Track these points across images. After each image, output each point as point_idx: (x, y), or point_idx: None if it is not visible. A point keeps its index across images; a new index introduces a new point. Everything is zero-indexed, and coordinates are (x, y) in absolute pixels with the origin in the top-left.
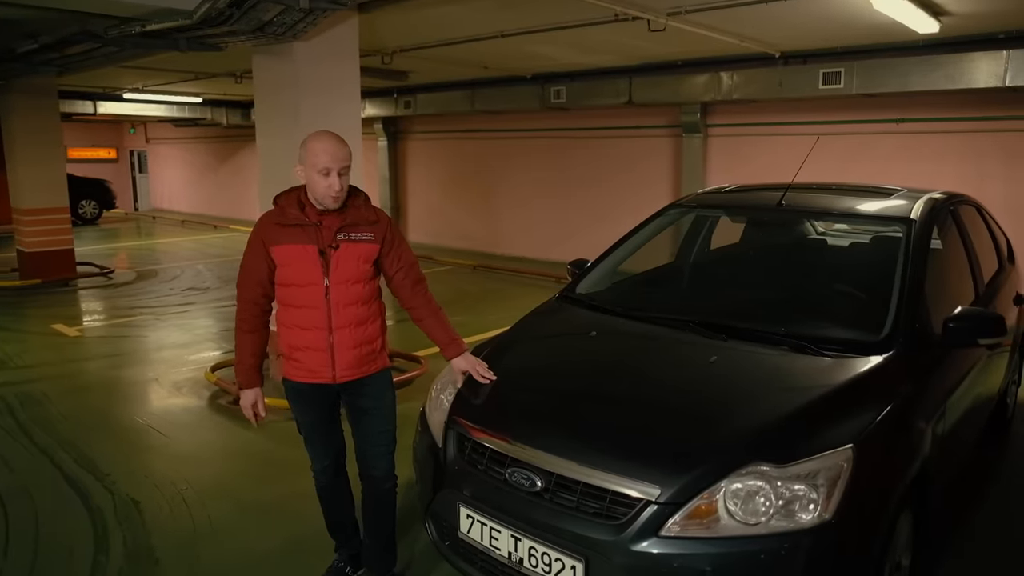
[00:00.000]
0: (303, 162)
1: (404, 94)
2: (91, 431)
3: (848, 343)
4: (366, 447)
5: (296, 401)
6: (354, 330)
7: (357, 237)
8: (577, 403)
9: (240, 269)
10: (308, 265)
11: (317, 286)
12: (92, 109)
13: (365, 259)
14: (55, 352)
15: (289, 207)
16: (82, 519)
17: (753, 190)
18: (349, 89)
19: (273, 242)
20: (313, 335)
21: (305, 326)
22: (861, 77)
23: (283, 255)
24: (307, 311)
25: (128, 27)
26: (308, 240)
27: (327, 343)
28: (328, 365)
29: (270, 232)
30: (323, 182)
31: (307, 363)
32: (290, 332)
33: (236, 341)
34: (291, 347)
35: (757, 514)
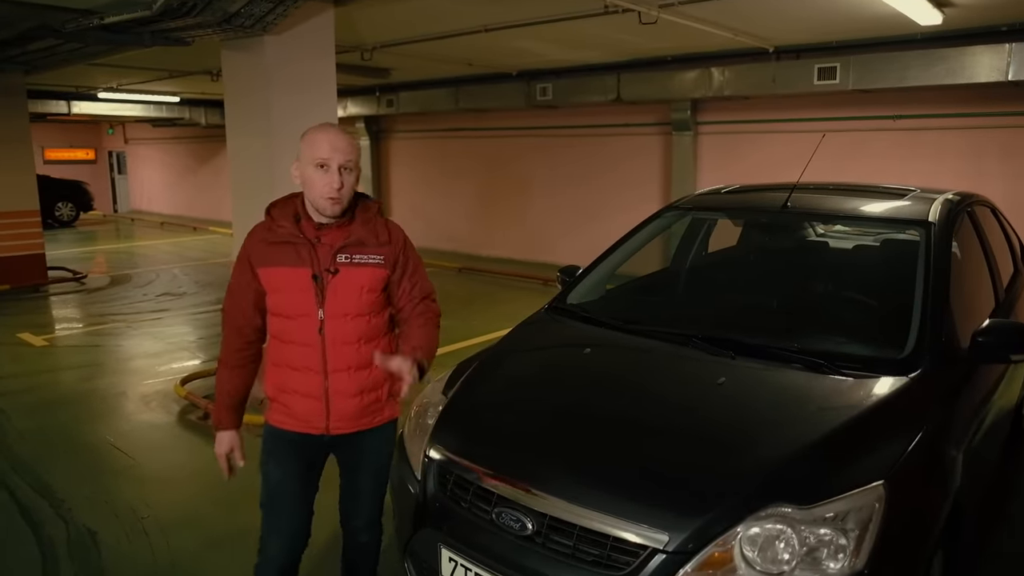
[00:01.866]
0: (300, 157)
1: (386, 92)
2: (51, 451)
3: (868, 361)
4: (355, 501)
5: (272, 451)
6: (354, 374)
7: (362, 260)
8: (571, 433)
9: (227, 292)
10: (299, 293)
11: (310, 318)
12: (66, 109)
13: (370, 288)
14: (19, 364)
15: (282, 219)
16: (31, 554)
17: (754, 191)
18: (325, 86)
19: (260, 263)
20: (304, 378)
21: (295, 366)
22: (857, 72)
23: (271, 279)
24: (298, 348)
25: (86, 20)
26: (300, 262)
27: (321, 389)
28: (321, 415)
29: (258, 250)
30: (321, 179)
31: (295, 409)
32: (278, 371)
33: (217, 375)
34: (278, 389)
35: (779, 563)
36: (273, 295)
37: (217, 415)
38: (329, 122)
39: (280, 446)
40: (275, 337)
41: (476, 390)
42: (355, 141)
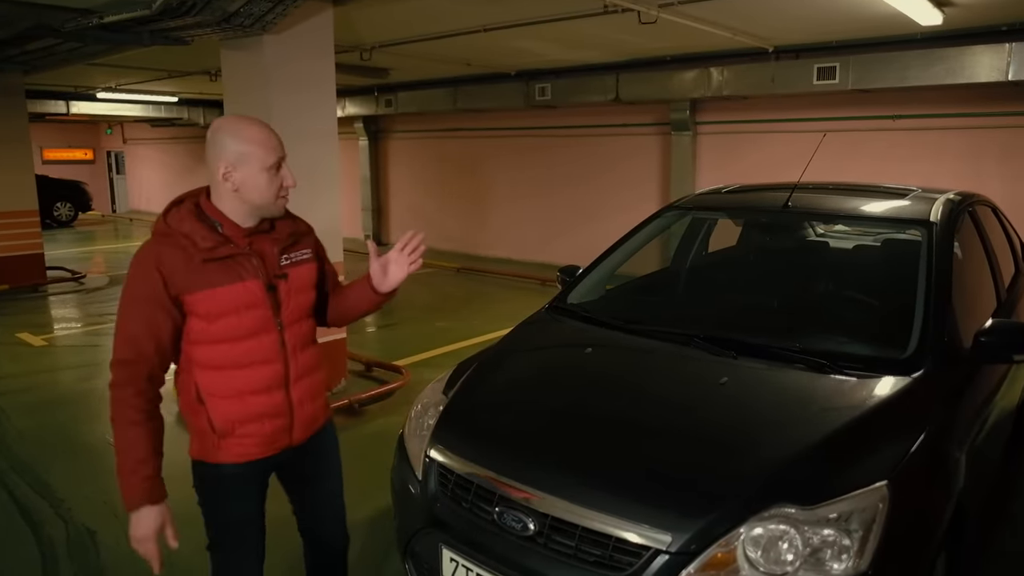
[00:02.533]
0: (240, 160)
1: (385, 92)
2: (50, 451)
3: (871, 361)
4: (321, 515)
5: (231, 494)
6: (312, 378)
7: (299, 257)
8: (573, 433)
9: (120, 337)
10: (252, 309)
11: (269, 333)
12: (65, 109)
13: (311, 284)
14: (18, 363)
15: (195, 231)
16: (31, 554)
17: (754, 191)
18: (324, 86)
19: (189, 288)
20: (268, 399)
21: (257, 389)
22: (857, 72)
23: (212, 304)
24: (259, 369)
25: (85, 19)
26: (249, 274)
27: (286, 405)
28: (286, 430)
29: (179, 276)
30: (274, 180)
31: (260, 435)
32: (232, 403)
33: (120, 439)
34: (235, 422)
35: (782, 563)
36: (213, 322)
37: (133, 491)
38: (237, 115)
39: (245, 480)
40: (218, 367)
41: (477, 390)
42: None
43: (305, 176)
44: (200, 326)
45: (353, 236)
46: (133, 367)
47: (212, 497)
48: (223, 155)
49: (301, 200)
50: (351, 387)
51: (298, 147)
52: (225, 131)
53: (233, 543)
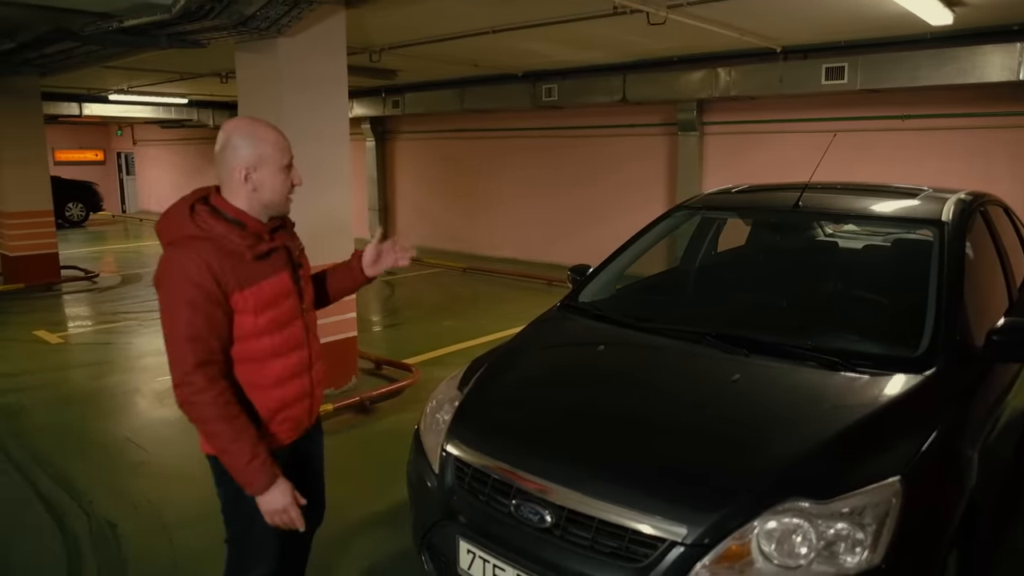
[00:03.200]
0: (259, 161)
1: (392, 93)
2: (69, 446)
3: (883, 359)
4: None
5: None
6: (323, 361)
7: (302, 246)
8: (587, 427)
9: (187, 345)
10: (288, 299)
11: (298, 320)
12: (77, 111)
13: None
14: (36, 360)
15: (233, 233)
16: (55, 544)
17: (764, 191)
18: (336, 87)
19: (241, 285)
20: (301, 383)
21: (292, 375)
22: (866, 72)
23: (261, 298)
24: (293, 356)
25: (105, 23)
26: (280, 267)
27: (309, 386)
28: (308, 411)
29: (230, 273)
30: (287, 179)
31: (294, 418)
32: (276, 391)
33: (227, 435)
34: (274, 410)
35: (796, 556)
36: (261, 315)
37: (260, 474)
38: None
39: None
40: (262, 359)
41: (492, 386)
42: None
43: (317, 176)
44: (249, 321)
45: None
46: (210, 367)
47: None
48: (241, 157)
49: (313, 200)
50: (361, 385)
51: (310, 148)
52: (240, 134)
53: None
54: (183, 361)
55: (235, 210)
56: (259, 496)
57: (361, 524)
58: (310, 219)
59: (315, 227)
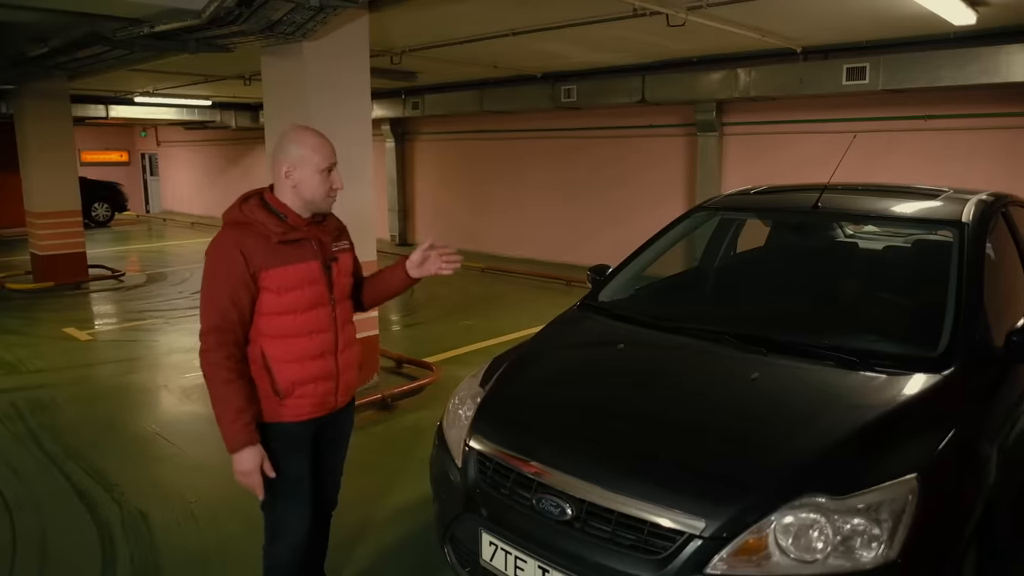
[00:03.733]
0: (300, 162)
1: (412, 95)
2: (100, 439)
3: (901, 358)
4: (326, 474)
5: (293, 449)
6: (352, 350)
7: (344, 246)
8: (608, 423)
9: (210, 309)
10: (314, 285)
11: (325, 306)
12: (104, 113)
13: (351, 270)
14: (66, 357)
15: (268, 220)
16: (89, 533)
17: (783, 192)
18: (359, 89)
19: (266, 265)
20: (324, 363)
21: (315, 355)
22: (888, 72)
23: (284, 279)
24: (316, 337)
25: (137, 28)
26: (311, 256)
27: (334, 368)
28: (333, 392)
29: (258, 256)
30: (326, 182)
31: (316, 395)
32: (295, 367)
33: (219, 395)
34: (294, 383)
35: (812, 551)
36: (284, 294)
37: (236, 436)
38: (302, 125)
39: (300, 438)
40: (284, 336)
41: (513, 383)
42: None
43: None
44: (272, 299)
45: (380, 237)
46: (222, 334)
47: (276, 454)
48: (287, 157)
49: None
50: (383, 382)
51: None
52: (290, 138)
53: (292, 495)
54: (203, 321)
55: (280, 204)
56: (232, 454)
57: (383, 517)
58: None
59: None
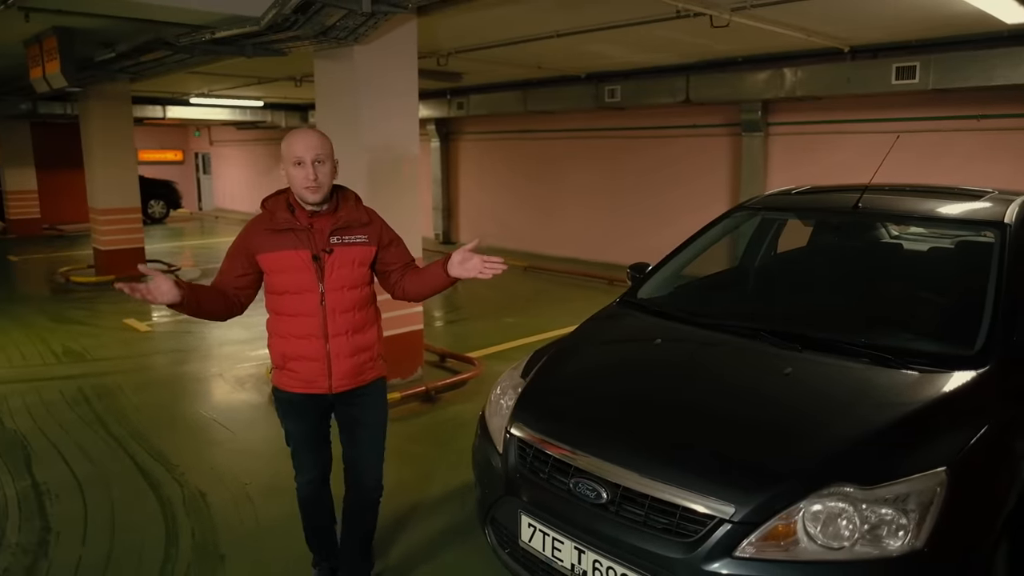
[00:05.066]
0: (283, 159)
1: (457, 95)
2: (161, 423)
3: (936, 356)
4: (358, 458)
5: (287, 412)
6: (351, 337)
7: (351, 240)
8: (643, 413)
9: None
10: (301, 271)
11: (312, 293)
12: (161, 113)
13: (360, 262)
14: (127, 346)
15: (278, 210)
16: (153, 509)
17: (825, 192)
18: (407, 90)
19: (260, 249)
20: (308, 344)
21: (300, 335)
22: (939, 71)
23: (274, 262)
24: (302, 319)
25: (199, 34)
26: (300, 245)
27: (323, 352)
28: (324, 375)
29: (257, 239)
30: (299, 173)
31: (302, 373)
32: (283, 342)
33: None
34: (284, 357)
35: (840, 538)
36: (276, 276)
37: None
38: (305, 126)
39: (291, 408)
40: (277, 312)
41: (553, 374)
42: (326, 138)
43: (388, 176)
44: (269, 279)
45: (424, 235)
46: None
47: (277, 410)
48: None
49: (384, 198)
50: (426, 376)
51: (382, 149)
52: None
53: (295, 450)
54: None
55: (293, 199)
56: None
57: (426, 503)
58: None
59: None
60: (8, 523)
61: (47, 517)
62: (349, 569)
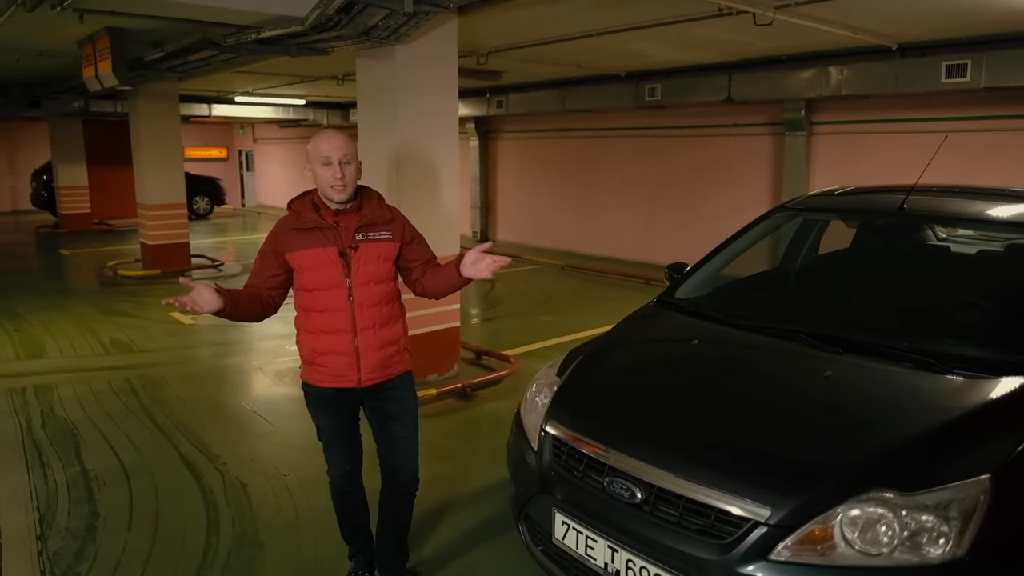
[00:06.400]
0: (309, 159)
1: (496, 94)
2: (204, 414)
3: (981, 362)
4: (390, 452)
5: (317, 407)
6: (378, 331)
7: (376, 236)
8: (679, 413)
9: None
10: (329, 268)
11: (339, 288)
12: (207, 112)
13: (385, 258)
14: (172, 339)
15: (304, 210)
16: (196, 498)
17: (869, 193)
18: (447, 90)
19: (290, 248)
20: (337, 338)
21: (328, 330)
22: (991, 69)
23: (302, 260)
24: (330, 315)
25: (245, 35)
26: (327, 243)
27: (352, 346)
28: (353, 368)
29: (286, 238)
30: (327, 173)
31: (331, 367)
32: (312, 337)
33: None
34: (313, 352)
35: (879, 544)
36: (304, 273)
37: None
38: (331, 128)
39: (321, 402)
40: (306, 309)
41: (589, 373)
42: (351, 139)
43: (427, 174)
44: (298, 276)
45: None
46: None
47: (308, 405)
48: (307, 156)
49: (422, 195)
50: (462, 373)
51: (422, 147)
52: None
53: (327, 444)
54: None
55: (318, 199)
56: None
57: (461, 498)
58: (421, 214)
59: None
60: (59, 508)
61: (95, 503)
62: (385, 562)
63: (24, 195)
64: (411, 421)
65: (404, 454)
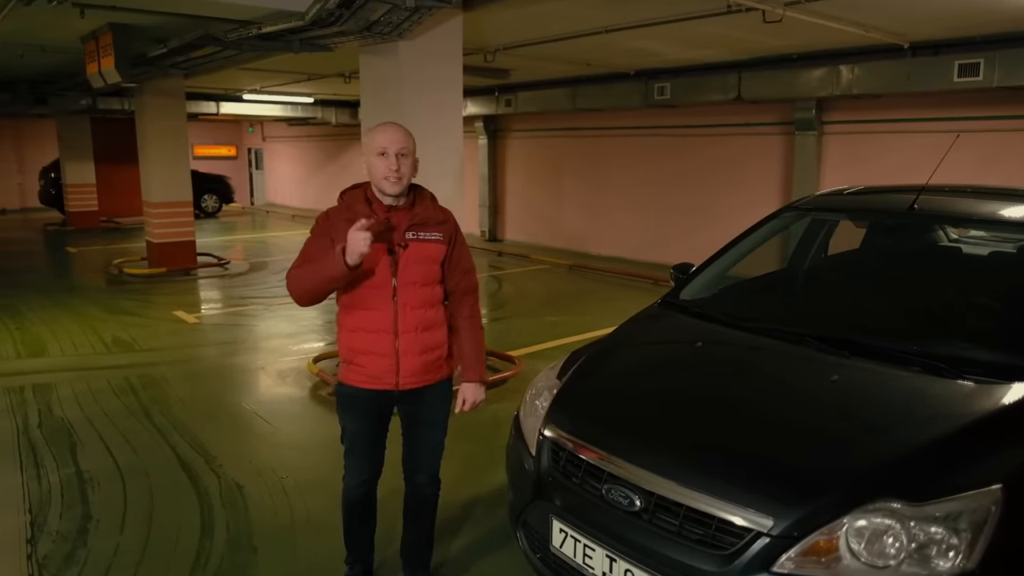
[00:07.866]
0: (365, 149)
1: (504, 92)
2: (203, 415)
3: (993, 366)
4: (417, 455)
5: (348, 408)
6: (420, 335)
7: (426, 236)
8: (681, 418)
9: (300, 256)
10: (375, 264)
11: (385, 287)
12: (215, 109)
13: (434, 259)
14: (175, 337)
15: (355, 203)
16: (191, 500)
17: (879, 192)
18: (452, 86)
19: (339, 238)
20: (378, 339)
21: (370, 329)
22: (1004, 68)
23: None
24: (373, 313)
25: (246, 30)
26: (376, 238)
27: (392, 348)
28: (392, 371)
29: (336, 225)
30: (381, 163)
31: (369, 368)
32: (353, 335)
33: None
34: (352, 351)
35: (885, 556)
36: None
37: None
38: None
39: (354, 403)
40: (349, 306)
41: (590, 376)
42: (410, 135)
43: (431, 172)
44: None
45: (471, 232)
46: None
47: (338, 407)
48: (364, 147)
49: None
50: None
51: (426, 144)
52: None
53: (349, 448)
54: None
55: (371, 193)
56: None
57: (463, 503)
58: None
59: None
60: (50, 510)
61: (88, 505)
62: (412, 558)
63: (32, 193)
64: (442, 429)
65: (429, 458)
